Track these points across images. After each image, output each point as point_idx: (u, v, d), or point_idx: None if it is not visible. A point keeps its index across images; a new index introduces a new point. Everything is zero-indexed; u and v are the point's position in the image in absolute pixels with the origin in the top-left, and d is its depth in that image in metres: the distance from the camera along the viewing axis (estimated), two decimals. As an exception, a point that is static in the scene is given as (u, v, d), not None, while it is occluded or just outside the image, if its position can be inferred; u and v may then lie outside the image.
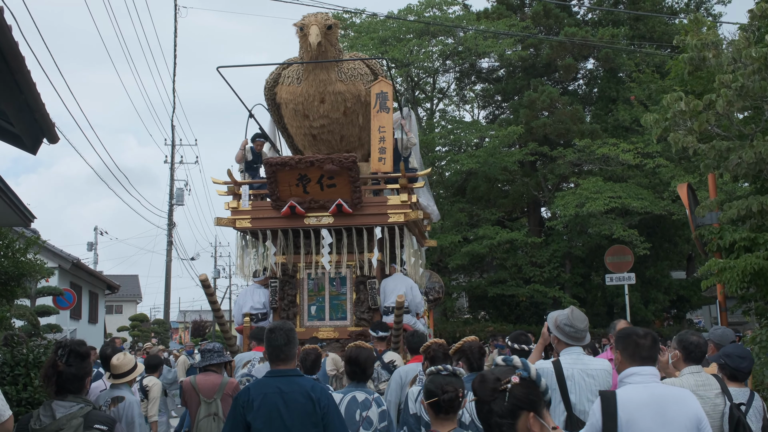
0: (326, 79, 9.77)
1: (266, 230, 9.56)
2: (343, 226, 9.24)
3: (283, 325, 4.06)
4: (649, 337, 3.66)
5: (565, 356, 4.44)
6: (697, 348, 4.49)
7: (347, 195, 9.01)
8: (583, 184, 21.79)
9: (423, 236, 11.01)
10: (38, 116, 5.87)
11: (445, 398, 3.37)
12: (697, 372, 4.43)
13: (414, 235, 9.96)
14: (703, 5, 26.43)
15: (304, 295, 9.58)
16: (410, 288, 9.06)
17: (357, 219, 9.24)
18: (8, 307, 10.64)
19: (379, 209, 9.21)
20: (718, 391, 4.38)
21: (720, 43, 8.96)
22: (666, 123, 9.17)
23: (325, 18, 9.61)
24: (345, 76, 9.79)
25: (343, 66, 9.84)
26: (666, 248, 24.55)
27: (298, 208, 9.18)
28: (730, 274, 8.96)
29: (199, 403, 5.91)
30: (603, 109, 25.69)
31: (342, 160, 8.80)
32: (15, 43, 4.89)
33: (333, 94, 9.79)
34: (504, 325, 22.13)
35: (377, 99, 9.60)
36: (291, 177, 9.13)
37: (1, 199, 7.40)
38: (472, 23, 24.65)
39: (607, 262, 18.03)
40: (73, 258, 23.70)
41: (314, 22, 9.43)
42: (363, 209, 9.20)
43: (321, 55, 9.57)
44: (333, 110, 9.88)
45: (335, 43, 9.77)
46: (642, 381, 3.51)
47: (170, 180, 31.18)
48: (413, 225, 9.78)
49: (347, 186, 8.96)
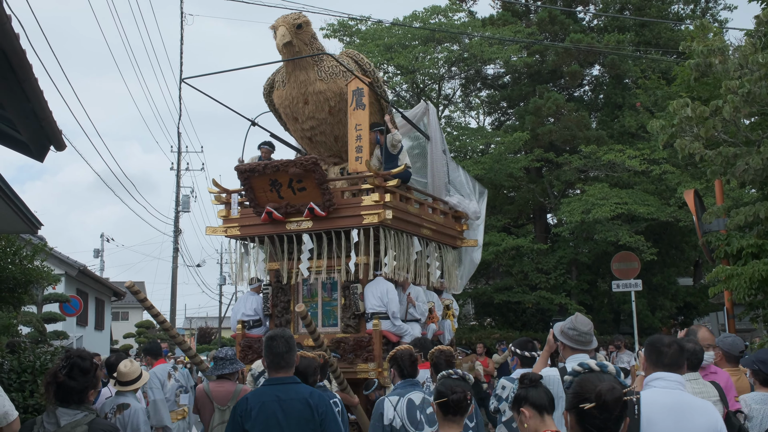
0: (306, 79, 9.58)
1: (254, 237, 9.56)
2: (322, 230, 8.99)
3: (282, 332, 4.06)
4: (674, 345, 3.73)
5: (571, 363, 4.43)
6: (693, 355, 4.46)
7: (318, 198, 8.77)
8: (589, 191, 21.75)
9: (455, 237, 10.67)
10: (45, 124, 5.89)
11: (454, 398, 3.47)
12: (694, 379, 4.41)
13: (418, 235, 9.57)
14: (709, 11, 26.41)
15: (299, 302, 9.51)
16: (385, 292, 8.68)
17: (334, 222, 8.93)
18: (15, 313, 10.68)
19: (354, 211, 8.81)
20: (716, 399, 4.35)
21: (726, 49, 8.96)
22: (672, 129, 9.17)
23: (295, 17, 9.43)
24: (325, 75, 9.52)
25: (323, 65, 9.56)
26: (673, 255, 24.48)
27: (275, 213, 9.08)
28: (738, 281, 8.93)
29: (213, 411, 5.91)
30: (609, 115, 25.65)
31: (303, 163, 8.65)
32: (22, 51, 4.91)
33: (314, 95, 9.56)
34: (510, 331, 22.06)
35: (353, 96, 9.35)
36: (264, 183, 9.05)
37: (8, 207, 7.42)
38: (478, 30, 24.67)
39: (613, 269, 17.98)
40: (80, 265, 23.74)
41: (282, 23, 9.29)
42: (338, 211, 8.87)
43: (295, 56, 9.42)
44: (318, 111, 9.65)
45: (310, 42, 9.52)
46: (667, 386, 3.58)
47: (176, 187, 31.23)
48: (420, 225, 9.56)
49: (316, 189, 8.72)
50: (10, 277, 10.12)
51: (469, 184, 11.25)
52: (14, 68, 4.95)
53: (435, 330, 9.47)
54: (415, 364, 5.08)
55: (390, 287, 8.75)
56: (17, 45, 4.79)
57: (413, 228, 9.42)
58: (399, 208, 9.02)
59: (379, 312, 8.65)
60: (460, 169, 11.63)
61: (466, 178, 11.35)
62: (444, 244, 10.35)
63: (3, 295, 10.32)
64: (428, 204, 10.19)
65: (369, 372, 8.50)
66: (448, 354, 5.35)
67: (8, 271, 10.11)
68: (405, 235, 9.25)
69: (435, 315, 9.57)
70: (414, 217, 9.42)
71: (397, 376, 5.11)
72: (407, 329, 8.88)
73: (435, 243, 10.02)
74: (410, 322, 9.08)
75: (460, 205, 10.63)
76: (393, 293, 8.74)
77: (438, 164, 10.45)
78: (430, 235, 9.81)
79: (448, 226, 10.47)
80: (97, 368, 3.80)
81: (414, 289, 9.28)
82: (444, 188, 10.59)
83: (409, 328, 8.92)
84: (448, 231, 10.42)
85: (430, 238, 9.88)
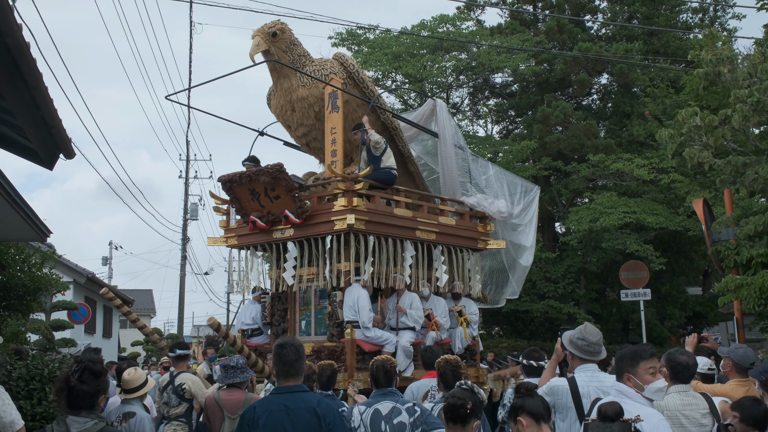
0: (289, 87, 9.60)
1: (249, 246, 9.58)
2: (303, 237, 8.93)
3: (292, 340, 4.07)
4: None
5: (580, 373, 4.41)
6: (686, 368, 4.43)
7: (291, 205, 8.75)
8: (597, 200, 21.69)
9: (474, 239, 10.20)
10: (55, 132, 5.91)
11: (450, 402, 3.59)
12: (684, 391, 4.38)
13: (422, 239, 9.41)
14: (718, 20, 26.36)
15: (296, 310, 9.47)
16: (356, 300, 8.48)
17: (311, 228, 8.83)
18: (24, 321, 10.71)
19: (326, 216, 8.68)
20: (706, 411, 4.32)
21: (735, 58, 8.94)
22: (681, 138, 9.15)
23: (270, 26, 9.46)
24: (307, 80, 9.49)
25: (305, 70, 9.54)
26: (682, 264, 24.36)
27: (258, 222, 9.09)
28: (748, 291, 8.89)
29: (223, 419, 5.91)
30: (617, 124, 25.59)
31: (270, 171, 8.64)
32: (33, 60, 4.94)
33: (299, 101, 9.55)
34: (518, 341, 21.98)
35: (329, 99, 9.30)
36: (245, 192, 9.08)
37: (17, 215, 7.45)
38: (486, 39, 24.69)
39: (622, 278, 17.91)
40: (88, 272, 23.81)
41: (257, 33, 9.37)
42: (314, 218, 8.79)
43: (274, 65, 9.50)
44: (305, 117, 9.62)
45: (288, 48, 9.53)
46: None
47: (185, 195, 31.33)
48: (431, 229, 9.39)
49: (287, 196, 8.74)
50: (19, 284, 10.15)
51: (503, 182, 10.77)
52: (24, 76, 4.98)
53: (435, 338, 9.10)
54: (389, 374, 5.08)
55: (362, 295, 8.51)
56: (27, 53, 4.81)
57: (403, 231, 9.11)
58: (378, 212, 8.79)
59: (352, 320, 8.50)
60: (490, 166, 11.17)
61: (499, 176, 10.86)
62: (458, 246, 9.98)
63: (12, 302, 10.35)
64: (431, 205, 9.91)
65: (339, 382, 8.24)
66: (455, 364, 5.34)
67: (17, 278, 10.14)
68: (390, 240, 8.95)
69: (435, 323, 9.19)
70: (403, 220, 9.11)
71: (372, 384, 5.16)
72: (387, 338, 8.66)
73: (442, 246, 9.70)
74: (403, 330, 8.86)
75: (479, 204, 10.17)
76: (364, 301, 8.48)
77: (449, 162, 10.14)
78: (432, 239, 9.52)
79: (465, 227, 10.09)
80: (107, 372, 3.82)
81: (408, 295, 9.03)
82: (459, 187, 10.21)
83: (390, 337, 8.70)
84: (463, 233, 10.02)
85: (435, 242, 9.58)
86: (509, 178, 11.04)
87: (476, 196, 10.25)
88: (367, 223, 8.61)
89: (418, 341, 9.04)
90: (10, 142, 6.93)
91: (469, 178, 10.45)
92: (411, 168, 10.56)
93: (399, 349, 8.76)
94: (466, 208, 10.23)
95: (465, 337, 9.71)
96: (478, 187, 10.54)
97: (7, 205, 7.05)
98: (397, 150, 10.17)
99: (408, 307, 8.93)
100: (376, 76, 24.61)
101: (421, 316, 9.00)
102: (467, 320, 9.80)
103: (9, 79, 5.01)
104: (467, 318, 9.81)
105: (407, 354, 8.79)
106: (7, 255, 10.09)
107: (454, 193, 10.17)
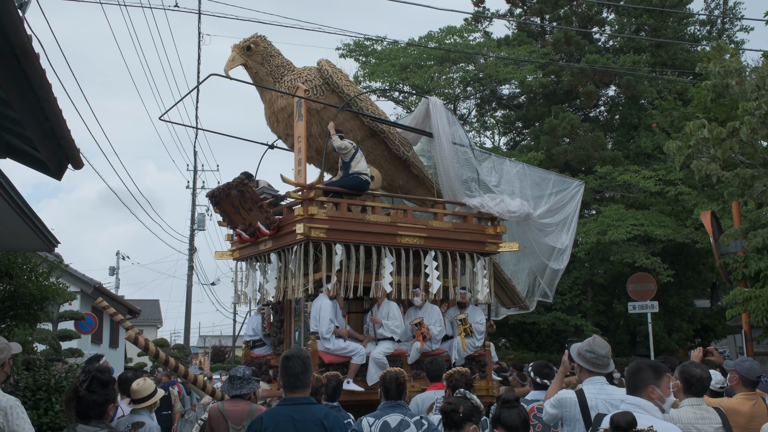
0: (271, 98, 9.62)
1: (248, 258, 9.60)
2: (279, 249, 8.84)
3: (299, 353, 4.05)
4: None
5: (588, 386, 4.39)
6: (699, 381, 4.41)
7: (261, 217, 8.72)
8: (604, 212, 21.65)
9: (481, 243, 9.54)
10: (63, 142, 5.94)
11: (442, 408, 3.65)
12: (697, 405, 4.36)
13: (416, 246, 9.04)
14: (726, 33, 26.36)
15: (291, 321, 9.43)
16: (318, 310, 8.25)
17: (282, 239, 8.72)
18: (31, 330, 10.72)
19: (290, 227, 8.48)
20: (719, 426, 4.29)
21: (743, 71, 8.94)
22: (689, 150, 9.14)
23: (246, 40, 9.55)
24: (281, 91, 9.44)
25: (283, 80, 9.48)
26: (689, 276, 24.27)
27: (243, 235, 9.12)
28: (756, 304, 8.86)
29: (228, 430, 5.89)
30: (624, 135, 25.58)
31: (233, 184, 8.68)
32: (42, 70, 4.97)
33: (280, 112, 9.51)
34: (525, 353, 21.93)
35: (296, 108, 9.19)
36: (229, 206, 9.14)
37: (26, 225, 7.48)
38: (493, 50, 24.75)
39: (629, 290, 17.84)
40: (95, 282, 23.84)
41: (233, 48, 9.48)
42: (283, 228, 8.67)
43: (254, 77, 9.55)
44: (288, 127, 9.48)
45: (264, 60, 9.55)
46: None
47: (192, 205, 31.42)
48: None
49: (255, 208, 8.73)
50: (26, 293, 10.17)
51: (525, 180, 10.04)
52: (34, 87, 5.01)
53: (421, 349, 8.64)
54: (401, 387, 5.11)
55: (323, 305, 8.27)
56: (37, 64, 4.84)
57: (380, 238, 8.78)
58: (344, 219, 8.57)
59: (315, 331, 8.30)
60: (507, 162, 10.40)
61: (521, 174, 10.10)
62: (459, 251, 9.38)
63: (19, 312, 10.37)
64: (416, 209, 9.54)
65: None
66: (468, 377, 5.33)
67: (25, 287, 10.17)
68: (363, 248, 8.66)
69: (422, 333, 8.67)
70: (379, 226, 8.80)
71: (382, 396, 5.17)
72: (353, 349, 8.36)
73: (437, 251, 9.16)
74: (382, 340, 8.57)
75: (484, 205, 9.51)
76: (325, 311, 8.22)
77: (446, 162, 9.57)
78: (421, 244, 9.04)
79: (467, 230, 9.47)
80: (115, 381, 3.87)
81: (386, 305, 8.67)
82: (460, 187, 9.63)
83: (357, 348, 8.41)
84: (464, 236, 9.43)
85: (425, 247, 9.09)
86: (537, 175, 10.26)
87: (481, 196, 9.61)
88: (330, 231, 8.36)
89: (399, 352, 8.66)
90: (20, 153, 6.97)
91: (475, 177, 9.81)
92: (415, 172, 10.18)
93: (370, 360, 8.42)
94: (473, 210, 9.62)
95: (463, 347, 9.00)
96: (486, 187, 9.84)
97: (16, 216, 7.09)
98: (392, 155, 9.93)
99: (385, 317, 8.57)
100: (384, 86, 24.68)
101: (399, 326, 8.57)
102: (469, 330, 9.15)
103: (19, 90, 5.05)
104: (469, 327, 9.16)
105: (380, 365, 8.32)
106: (14, 264, 10.12)
107: (455, 194, 9.63)
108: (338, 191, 8.89)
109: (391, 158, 9.98)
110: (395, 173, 10.22)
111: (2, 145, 6.79)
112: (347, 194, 8.92)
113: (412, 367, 8.70)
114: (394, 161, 10.02)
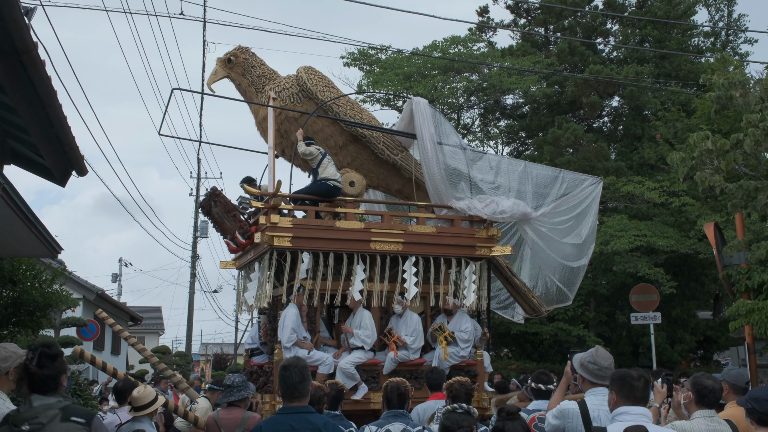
0: (255, 109, 9.73)
1: (245, 266, 9.65)
2: (259, 257, 8.83)
3: (296, 362, 4.04)
4: (642, 379, 3.79)
5: (590, 397, 4.38)
6: (711, 392, 4.43)
7: (237, 227, 8.81)
8: (607, 222, 21.62)
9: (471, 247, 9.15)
10: (68, 149, 5.97)
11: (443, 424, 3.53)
12: (709, 417, 4.36)
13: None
14: (730, 44, 26.38)
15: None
16: (283, 318, 8.20)
17: (258, 248, 8.72)
18: (33, 337, 10.71)
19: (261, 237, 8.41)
20: None
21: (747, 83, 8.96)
22: (692, 162, 9.14)
23: (227, 53, 9.71)
24: (265, 100, 9.44)
25: (264, 91, 9.56)
26: (692, 287, 24.21)
27: (230, 244, 9.20)
28: (759, 316, 8.84)
29: (222, 439, 5.89)
30: (628, 146, 25.57)
31: (208, 195, 8.82)
32: (48, 78, 4.99)
33: (263, 122, 9.52)
34: (527, 363, 21.86)
35: (269, 117, 9.20)
36: (217, 216, 9.30)
37: (30, 232, 7.49)
38: (497, 60, 24.78)
39: (632, 301, 17.81)
40: (98, 289, 23.88)
41: (216, 62, 9.63)
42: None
43: (237, 88, 9.71)
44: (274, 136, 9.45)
45: (245, 72, 9.65)
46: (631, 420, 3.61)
47: (194, 213, 31.40)
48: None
49: (230, 218, 8.84)
50: (29, 300, 10.17)
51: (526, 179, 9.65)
52: (39, 94, 5.03)
53: (395, 359, 8.45)
54: (403, 396, 5.11)
55: (287, 314, 8.22)
56: (43, 72, 4.87)
57: (351, 245, 8.65)
58: (311, 227, 8.50)
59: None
60: (504, 161, 10.20)
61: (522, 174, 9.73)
62: (445, 256, 9.08)
63: (23, 318, 10.37)
64: (396, 214, 9.49)
65: (266, 402, 8.15)
66: (469, 387, 5.32)
67: (28, 294, 10.17)
68: (332, 255, 8.54)
69: (394, 341, 8.48)
70: (350, 232, 8.66)
71: (384, 406, 5.18)
72: (318, 358, 8.28)
73: (417, 257, 8.88)
74: (354, 350, 8.47)
75: (471, 207, 9.17)
76: (288, 320, 8.16)
77: (431, 163, 9.27)
78: (399, 250, 8.80)
79: (454, 233, 9.16)
80: (63, 354, 3.93)
81: (360, 313, 8.59)
82: (447, 190, 9.32)
83: (322, 357, 8.32)
84: (449, 240, 9.08)
85: (404, 253, 8.84)
86: (542, 173, 9.89)
87: (470, 198, 9.26)
88: (295, 239, 8.28)
89: (373, 361, 8.54)
90: (24, 159, 6.99)
91: (466, 178, 9.45)
92: (407, 176, 9.95)
93: (338, 370, 8.32)
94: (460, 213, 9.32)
95: (444, 357, 8.53)
96: (477, 188, 9.49)
97: (20, 222, 7.10)
98: (379, 159, 9.85)
99: (357, 326, 8.48)
100: (388, 96, 24.72)
101: (370, 336, 8.44)
102: (450, 338, 8.71)
103: (24, 97, 5.07)
104: (450, 335, 8.71)
105: (347, 375, 8.26)
106: (18, 271, 10.13)
107: (440, 196, 9.37)
108: (305, 198, 8.91)
109: (380, 162, 9.92)
110: (387, 177, 10.12)
111: (7, 152, 6.82)
112: (321, 201, 8.94)
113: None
114: (384, 165, 9.95)
